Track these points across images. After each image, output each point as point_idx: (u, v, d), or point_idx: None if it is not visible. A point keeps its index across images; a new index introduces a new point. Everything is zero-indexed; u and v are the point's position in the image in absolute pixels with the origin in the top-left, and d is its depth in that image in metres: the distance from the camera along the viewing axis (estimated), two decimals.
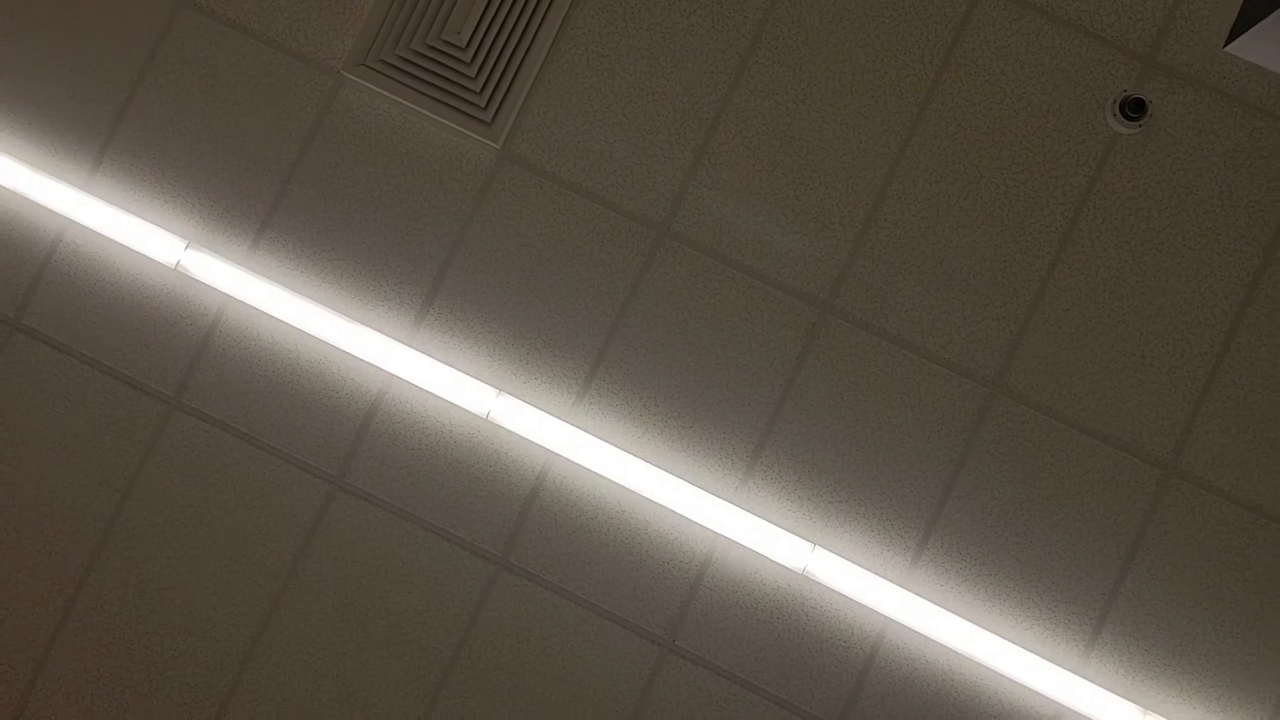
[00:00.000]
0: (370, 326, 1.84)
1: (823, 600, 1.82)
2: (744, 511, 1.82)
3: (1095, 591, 1.81)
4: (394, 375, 1.84)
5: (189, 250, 1.85)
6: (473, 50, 1.85)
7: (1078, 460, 1.83)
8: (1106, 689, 1.78)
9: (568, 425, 1.83)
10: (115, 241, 1.86)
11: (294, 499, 1.84)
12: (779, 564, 1.82)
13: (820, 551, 1.81)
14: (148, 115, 1.90)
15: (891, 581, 1.80)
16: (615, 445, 1.83)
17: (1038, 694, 1.79)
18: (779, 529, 1.82)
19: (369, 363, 1.84)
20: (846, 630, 1.82)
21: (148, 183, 1.88)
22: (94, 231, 1.86)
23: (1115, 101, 1.84)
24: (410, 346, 1.84)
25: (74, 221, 1.87)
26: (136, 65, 1.90)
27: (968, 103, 1.87)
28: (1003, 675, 1.79)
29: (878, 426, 1.84)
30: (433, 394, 1.84)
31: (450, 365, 1.84)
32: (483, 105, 1.85)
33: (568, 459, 1.83)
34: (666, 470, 1.82)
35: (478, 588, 1.83)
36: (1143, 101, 1.82)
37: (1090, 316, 1.84)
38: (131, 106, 1.90)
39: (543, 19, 1.86)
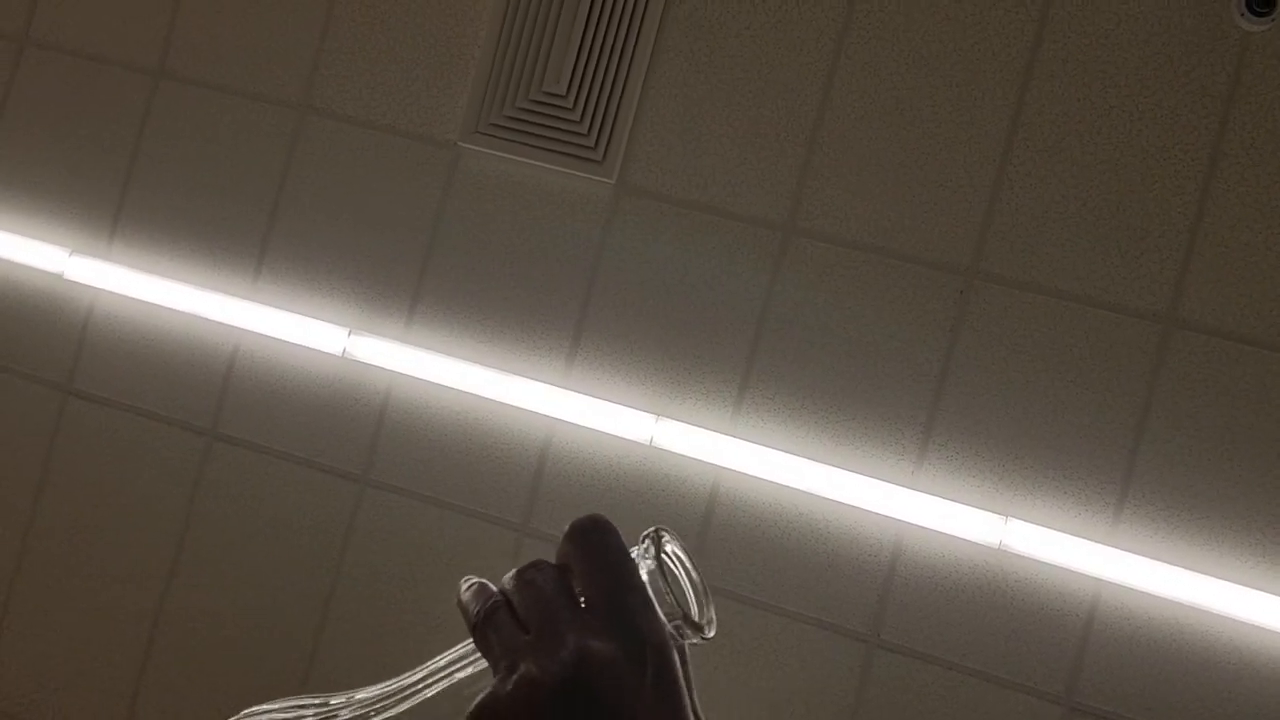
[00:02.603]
0: (526, 375, 1.91)
1: (1026, 573, 1.76)
2: (925, 494, 1.78)
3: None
4: (556, 419, 1.90)
5: (352, 337, 1.96)
6: (573, 96, 1.91)
7: (1275, 378, 1.71)
8: None
9: (730, 438, 1.84)
10: (285, 341, 1.99)
11: (486, 552, 1.92)
12: (973, 542, 1.77)
13: (1014, 523, 1.75)
14: (293, 220, 2.03)
15: (1096, 541, 1.73)
16: (780, 449, 1.82)
17: (1277, 633, 1.67)
18: (966, 506, 1.77)
19: (532, 411, 1.90)
20: (1058, 599, 1.75)
21: (304, 281, 2.02)
22: (265, 335, 2.00)
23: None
24: (566, 388, 1.90)
25: (246, 330, 2.01)
26: (275, 175, 2.05)
27: (1082, 35, 1.80)
28: (1235, 619, 1.68)
29: (1051, 385, 1.77)
30: (595, 430, 1.88)
31: (607, 399, 1.88)
32: (592, 145, 1.90)
33: (736, 471, 1.84)
34: (837, 466, 1.81)
35: None
36: None
37: (1259, 230, 1.73)
38: (277, 214, 2.04)
39: (634, 49, 1.90)
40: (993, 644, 1.76)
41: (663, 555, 0.58)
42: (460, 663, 0.59)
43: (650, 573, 0.57)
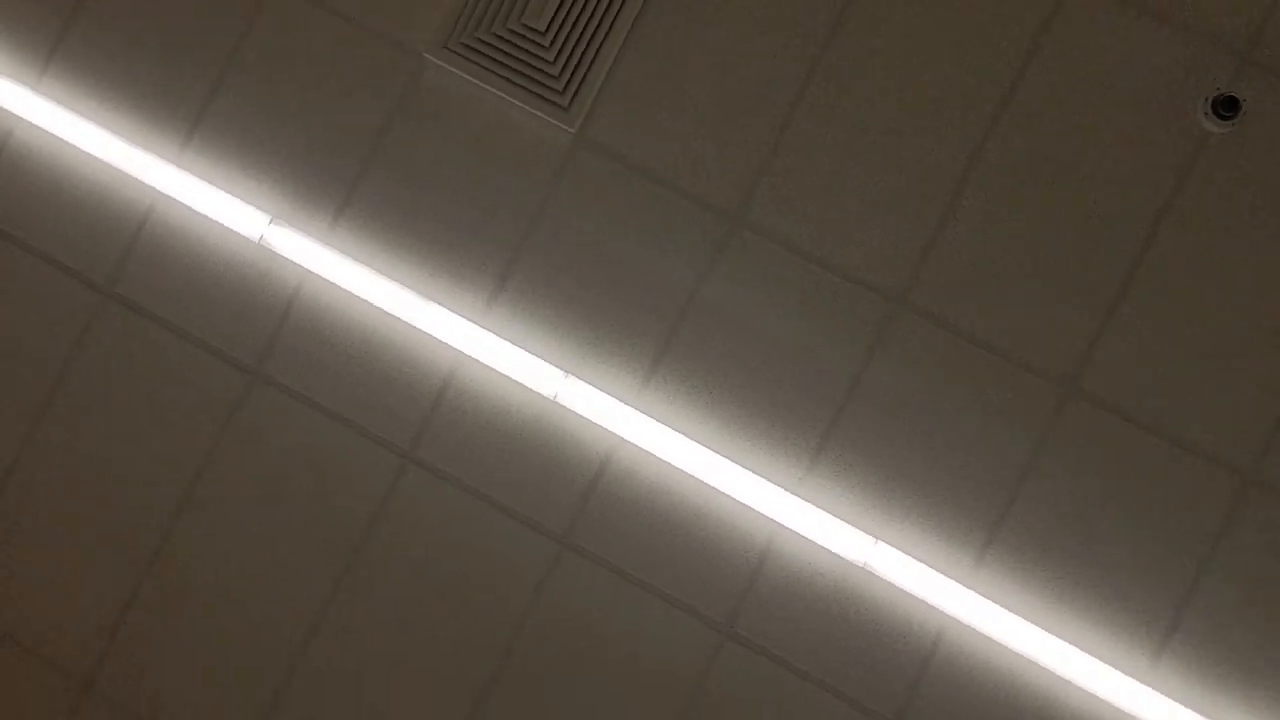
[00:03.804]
0: (444, 305, 1.88)
1: (883, 595, 1.82)
2: (806, 503, 1.81)
3: (1165, 598, 1.77)
4: (465, 354, 1.88)
5: (272, 225, 1.90)
6: (552, 34, 1.87)
7: (1153, 467, 1.79)
8: (1174, 699, 1.74)
9: (633, 410, 1.84)
10: (203, 215, 1.92)
11: (366, 470, 1.89)
12: (840, 556, 1.81)
13: (883, 546, 1.80)
14: (237, 94, 1.95)
15: (954, 579, 1.79)
16: (679, 431, 1.84)
17: (1103, 701, 1.76)
18: (841, 521, 1.81)
19: (442, 340, 1.88)
20: (906, 626, 1.81)
21: (235, 160, 1.94)
22: (184, 205, 1.92)
23: (1208, 99, 1.78)
24: (482, 326, 1.87)
25: (165, 195, 1.93)
26: (228, 45, 1.96)
27: (1054, 95, 1.83)
28: (1066, 680, 1.77)
29: (948, 423, 1.82)
30: (502, 374, 1.87)
31: (520, 346, 1.87)
32: (560, 89, 1.86)
33: (632, 443, 1.85)
34: (730, 458, 1.83)
35: (541, 566, 1.86)
36: (1236, 100, 1.76)
37: (1175, 319, 1.80)
38: (223, 86, 1.95)
39: (622, 4, 1.86)
40: (839, 657, 1.82)
41: None
42: None
43: None
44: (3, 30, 1.99)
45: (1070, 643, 1.76)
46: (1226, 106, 1.77)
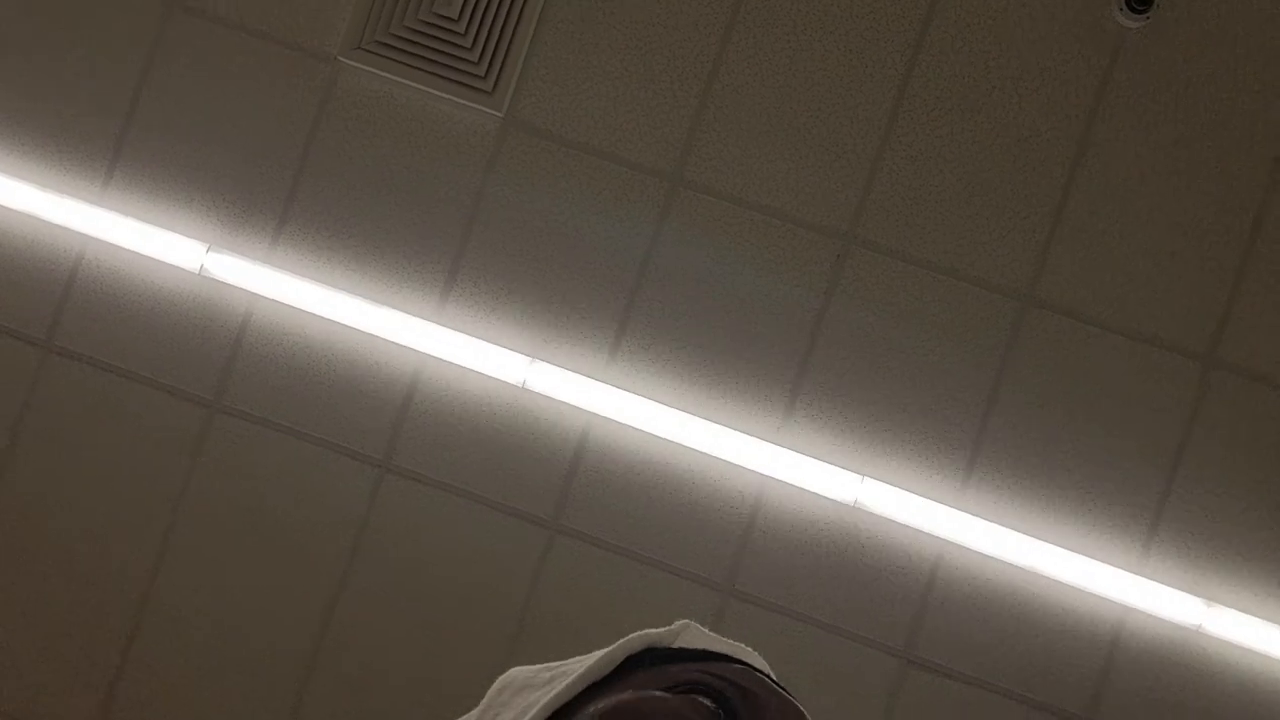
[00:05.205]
0: (397, 309, 1.85)
1: (878, 530, 1.83)
2: (788, 450, 1.82)
3: (1148, 489, 1.80)
4: (426, 354, 1.85)
5: (210, 253, 1.86)
6: (465, 20, 1.84)
7: (1117, 361, 1.82)
8: (1168, 585, 1.78)
9: (603, 384, 1.83)
10: (137, 253, 1.87)
11: (344, 486, 1.86)
12: (830, 499, 1.82)
13: (870, 482, 1.81)
14: (152, 123, 1.90)
15: (944, 503, 1.80)
16: (652, 399, 1.83)
17: (1100, 598, 1.79)
18: (825, 464, 1.82)
19: (401, 344, 1.85)
20: (904, 557, 1.82)
21: (161, 190, 1.89)
22: (115, 245, 1.87)
23: None
24: (439, 324, 1.85)
25: (93, 238, 1.87)
26: (135, 73, 1.90)
27: (971, 15, 1.84)
28: (1063, 583, 1.79)
29: (913, 351, 1.83)
30: (467, 368, 1.85)
31: (480, 338, 1.84)
32: (482, 75, 1.84)
33: (606, 418, 1.84)
34: (706, 418, 1.83)
35: (535, 553, 1.85)
36: None
37: (1116, 219, 1.82)
38: (135, 116, 1.90)
39: None
40: (841, 598, 1.83)
41: None
42: None
43: None
44: None
45: (1063, 547, 1.79)
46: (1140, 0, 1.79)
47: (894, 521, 1.82)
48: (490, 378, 1.85)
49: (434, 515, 1.86)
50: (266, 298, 1.86)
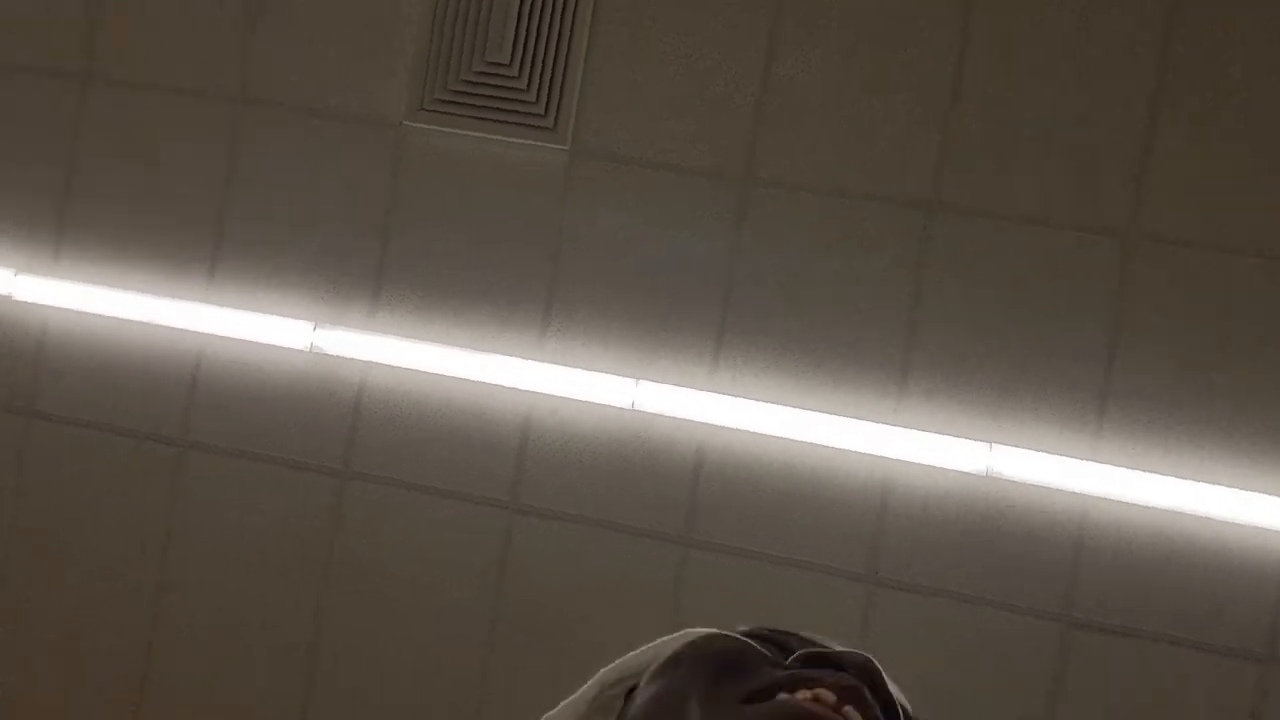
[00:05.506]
0: (501, 352, 1.88)
1: (1015, 496, 1.78)
2: (908, 430, 1.79)
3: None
4: (534, 392, 1.88)
5: (318, 330, 1.93)
6: (517, 63, 1.87)
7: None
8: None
9: (710, 393, 1.83)
10: (250, 341, 1.95)
11: (478, 535, 1.90)
12: (960, 471, 1.78)
13: (999, 448, 1.77)
14: (243, 218, 1.98)
15: (1079, 458, 1.75)
16: (762, 400, 1.82)
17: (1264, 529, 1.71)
18: (949, 437, 1.78)
19: (508, 387, 1.88)
20: (1048, 518, 1.77)
21: (262, 279, 1.97)
22: (228, 338, 1.96)
23: None
24: (542, 360, 1.88)
25: (208, 334, 1.96)
26: (220, 172, 1.99)
27: None
28: (1218, 519, 1.71)
29: (1021, 309, 1.79)
30: (574, 400, 1.87)
31: (584, 368, 1.87)
32: (542, 112, 1.87)
33: (719, 426, 1.83)
34: (820, 411, 1.81)
35: (670, 573, 1.85)
36: None
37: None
38: (226, 214, 1.99)
39: (575, 8, 1.86)
40: (989, 570, 1.78)
41: None
42: None
43: None
44: (8, 224, 2.04)
45: (1212, 482, 1.71)
46: None
47: (1031, 484, 1.77)
48: (599, 405, 1.86)
49: (570, 549, 1.88)
50: (377, 363, 1.92)
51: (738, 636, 0.64)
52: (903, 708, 0.65)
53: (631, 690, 0.68)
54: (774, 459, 1.84)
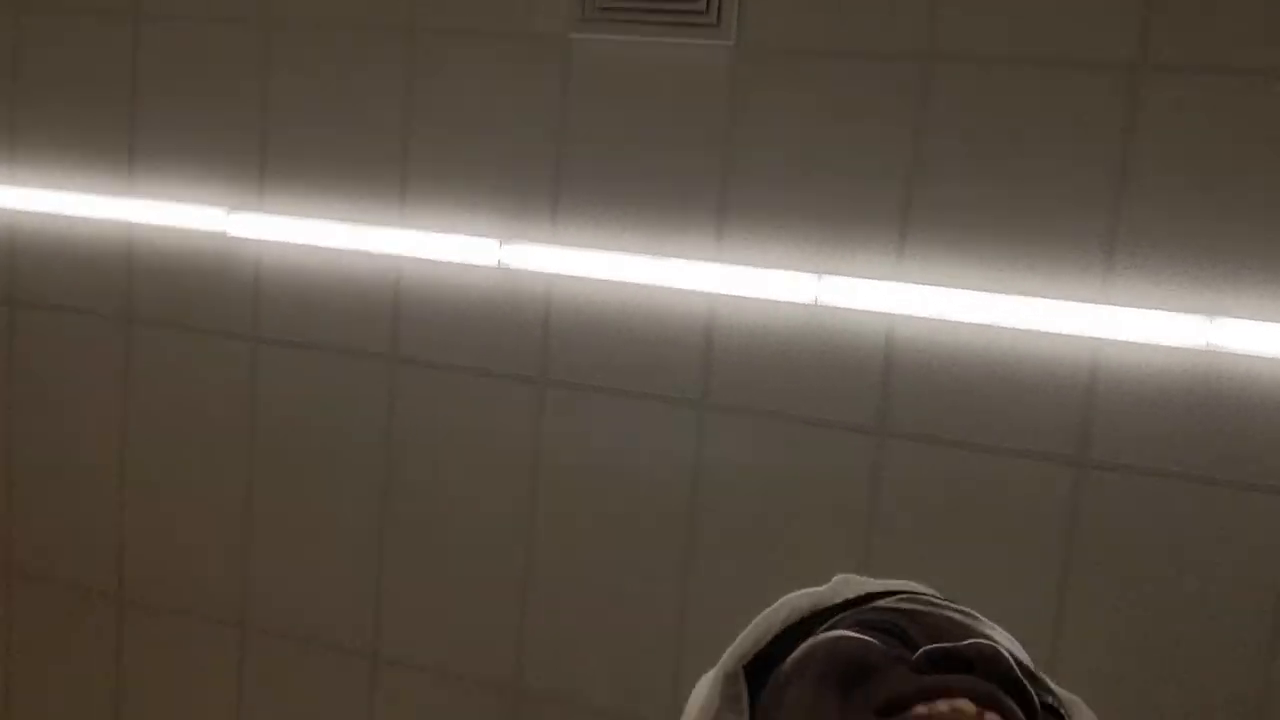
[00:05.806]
0: (680, 256, 1.88)
1: (1239, 369, 1.66)
2: (1118, 307, 1.68)
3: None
4: (715, 294, 1.87)
5: (504, 247, 1.98)
6: None
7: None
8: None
9: (899, 283, 1.77)
10: (442, 262, 2.02)
11: (669, 433, 1.93)
12: (1178, 348, 1.67)
13: (1221, 320, 1.64)
14: (426, 143, 2.04)
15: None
16: (954, 286, 1.74)
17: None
18: (1165, 311, 1.66)
19: (690, 290, 1.88)
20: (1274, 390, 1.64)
21: (450, 201, 2.03)
22: (420, 259, 2.04)
23: None
24: (720, 261, 1.86)
25: (402, 256, 2.05)
26: (399, 100, 2.04)
27: None
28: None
29: (1240, 168, 1.63)
30: (756, 299, 1.85)
31: (764, 266, 1.84)
32: (703, 9, 1.81)
33: (910, 315, 1.77)
34: (1017, 293, 1.72)
35: (866, 461, 1.83)
36: None
37: None
38: (410, 140, 2.04)
39: None
40: (1211, 447, 1.68)
41: None
42: None
43: None
44: (214, 166, 2.18)
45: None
46: None
47: (1258, 356, 1.64)
48: (781, 302, 1.84)
49: (762, 444, 1.89)
50: (561, 274, 1.96)
51: (856, 636, 0.63)
52: (1037, 680, 0.62)
53: (747, 673, 0.69)
54: (970, 345, 1.77)
